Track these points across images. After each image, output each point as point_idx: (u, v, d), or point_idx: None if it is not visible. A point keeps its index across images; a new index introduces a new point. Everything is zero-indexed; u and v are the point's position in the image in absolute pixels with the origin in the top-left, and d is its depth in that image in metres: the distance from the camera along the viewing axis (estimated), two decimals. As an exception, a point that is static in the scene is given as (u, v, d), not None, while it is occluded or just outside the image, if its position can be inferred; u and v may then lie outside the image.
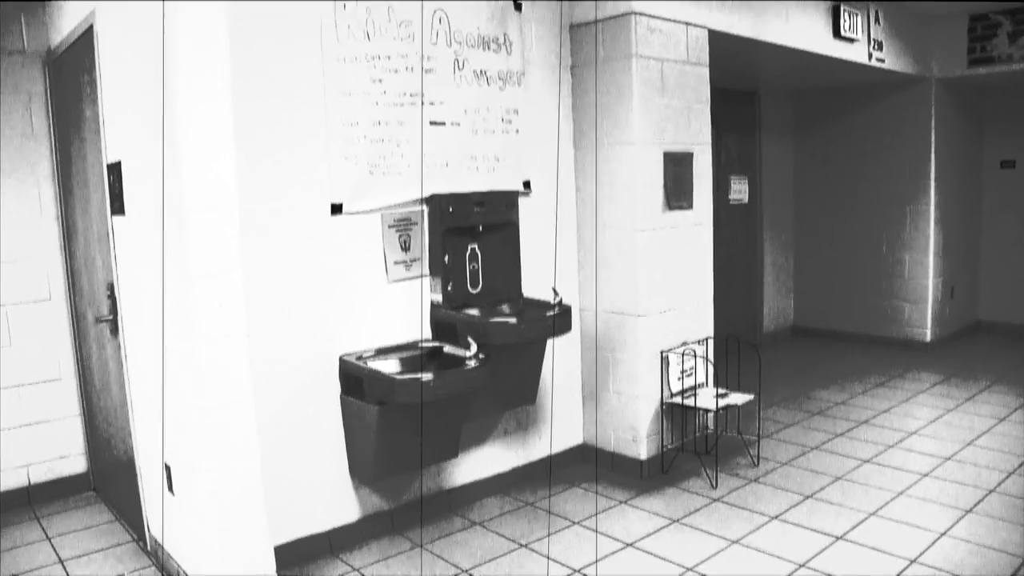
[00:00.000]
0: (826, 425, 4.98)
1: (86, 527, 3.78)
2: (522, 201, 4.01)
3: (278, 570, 3.01)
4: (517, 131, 4.00)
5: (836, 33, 5.38)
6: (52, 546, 3.58)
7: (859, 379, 6.08)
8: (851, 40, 5.54)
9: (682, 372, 4.25)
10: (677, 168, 4.20)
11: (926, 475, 4.08)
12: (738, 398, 4.23)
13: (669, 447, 4.28)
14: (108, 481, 4.05)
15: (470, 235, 3.76)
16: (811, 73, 6.05)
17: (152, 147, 2.85)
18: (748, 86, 7.04)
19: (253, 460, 2.88)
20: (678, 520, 3.66)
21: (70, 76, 3.70)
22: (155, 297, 3.02)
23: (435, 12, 3.62)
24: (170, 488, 3.14)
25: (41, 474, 4.11)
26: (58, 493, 4.13)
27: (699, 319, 4.42)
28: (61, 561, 3.43)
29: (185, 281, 2.71)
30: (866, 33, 5.70)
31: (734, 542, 3.42)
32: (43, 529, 3.77)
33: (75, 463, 4.21)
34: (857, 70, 6.01)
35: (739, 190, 6.91)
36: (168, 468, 3.13)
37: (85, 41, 3.37)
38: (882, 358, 6.71)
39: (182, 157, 2.66)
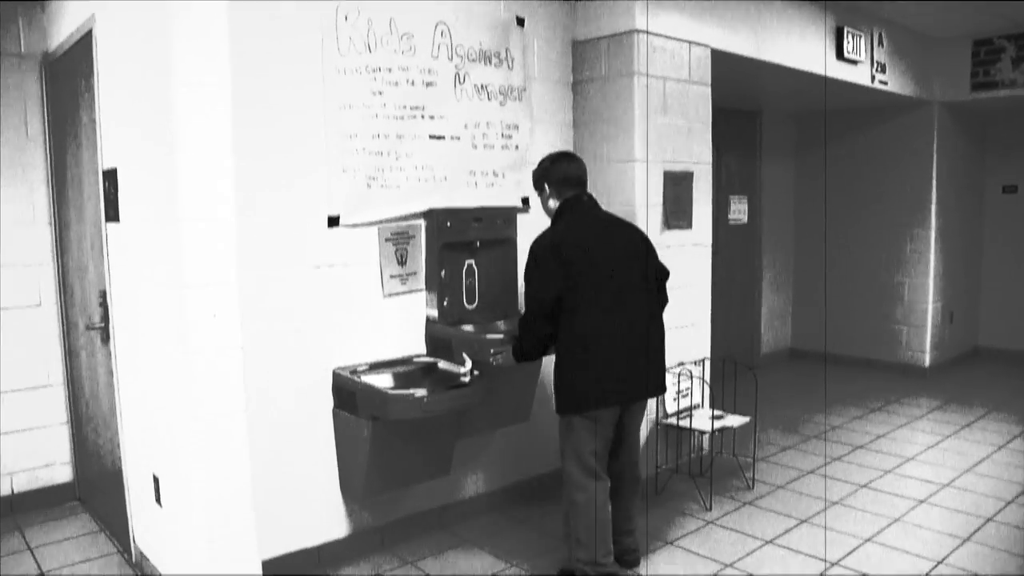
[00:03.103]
0: (822, 449, 4.94)
1: (70, 537, 3.72)
2: (520, 218, 3.98)
3: (264, 586, 2.97)
4: (517, 147, 3.98)
5: (839, 54, 5.38)
6: (34, 557, 3.52)
7: (856, 403, 6.04)
8: (854, 62, 5.54)
9: (678, 392, 4.21)
10: (677, 187, 4.18)
11: (923, 502, 4.04)
12: (734, 420, 4.19)
13: (663, 468, 4.23)
14: (94, 491, 3.99)
15: (467, 250, 3.73)
16: (813, 94, 6.05)
17: (149, 154, 2.82)
18: (750, 106, 7.04)
19: (243, 472, 2.84)
20: (671, 542, 3.61)
21: (67, 80, 3.67)
22: (148, 306, 2.98)
23: (437, 25, 3.60)
24: (158, 499, 3.09)
25: (25, 482, 4.04)
26: (42, 502, 4.06)
27: (696, 339, 4.38)
28: (43, 573, 3.37)
29: (180, 290, 2.68)
30: (869, 55, 5.70)
31: (727, 565, 3.38)
32: (25, 539, 3.71)
33: (61, 472, 4.15)
34: (859, 92, 6.00)
35: (739, 210, 6.90)
36: (156, 479, 3.08)
37: (84, 45, 3.34)
38: (880, 382, 6.67)
39: (179, 165, 2.64)
